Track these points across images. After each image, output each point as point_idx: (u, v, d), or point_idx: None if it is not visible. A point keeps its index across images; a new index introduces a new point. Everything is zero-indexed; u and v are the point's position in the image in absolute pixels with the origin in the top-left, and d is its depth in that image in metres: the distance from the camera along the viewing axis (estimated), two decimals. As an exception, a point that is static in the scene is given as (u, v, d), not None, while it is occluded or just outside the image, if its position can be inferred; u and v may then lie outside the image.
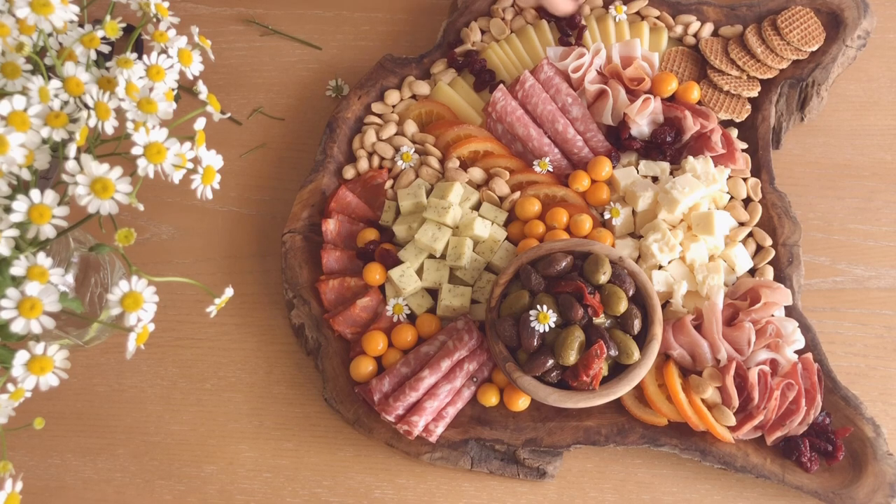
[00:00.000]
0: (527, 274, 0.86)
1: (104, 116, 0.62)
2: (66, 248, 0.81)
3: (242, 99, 1.10)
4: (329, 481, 0.90)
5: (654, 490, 0.88)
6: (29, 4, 0.60)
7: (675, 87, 1.01)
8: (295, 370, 0.95)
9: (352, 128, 1.04)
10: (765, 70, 1.04)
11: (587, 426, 0.88)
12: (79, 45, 0.65)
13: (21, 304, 0.56)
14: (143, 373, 0.95)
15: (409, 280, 0.92)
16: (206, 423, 0.93)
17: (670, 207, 0.93)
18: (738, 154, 0.98)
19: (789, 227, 0.96)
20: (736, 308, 0.91)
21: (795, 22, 1.05)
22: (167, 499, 0.89)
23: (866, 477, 0.85)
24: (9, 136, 0.58)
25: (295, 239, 0.97)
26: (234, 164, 1.06)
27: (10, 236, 0.58)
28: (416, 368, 0.89)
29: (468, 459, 0.88)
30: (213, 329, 0.97)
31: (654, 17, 1.08)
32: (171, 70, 0.66)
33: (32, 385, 0.58)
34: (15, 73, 0.62)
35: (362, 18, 1.16)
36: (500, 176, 0.97)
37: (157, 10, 0.67)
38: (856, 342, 0.95)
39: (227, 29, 1.14)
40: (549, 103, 1.00)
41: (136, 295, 0.60)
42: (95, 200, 0.59)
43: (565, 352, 0.81)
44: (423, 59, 1.08)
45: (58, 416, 0.92)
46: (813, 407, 0.86)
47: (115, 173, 0.59)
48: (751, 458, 0.86)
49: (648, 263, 0.92)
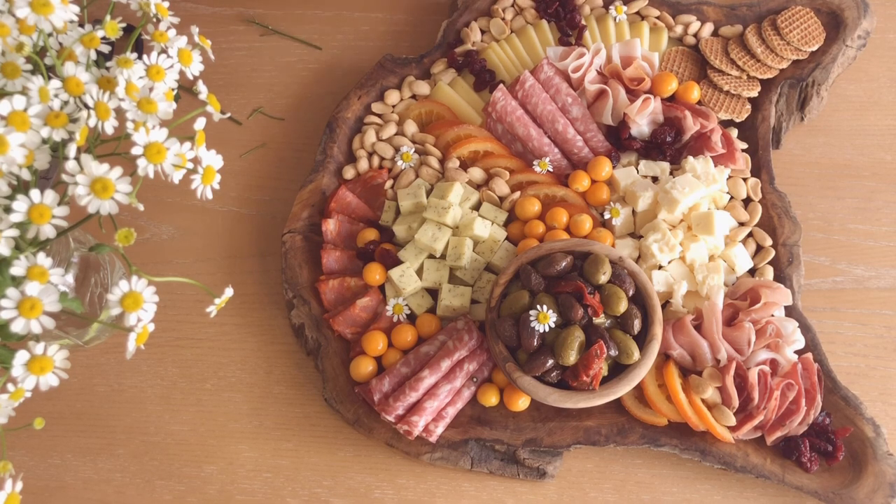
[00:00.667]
0: (527, 274, 0.86)
1: (104, 116, 0.62)
2: (66, 248, 0.81)
3: (242, 99, 1.10)
4: (329, 481, 0.90)
5: (654, 490, 0.88)
6: (29, 4, 0.60)
7: (675, 87, 1.01)
8: (295, 370, 0.95)
9: (352, 128, 1.04)
10: (765, 70, 1.04)
11: (587, 426, 0.88)
12: (79, 45, 0.65)
13: (21, 304, 0.56)
14: (143, 373, 0.95)
15: (409, 280, 0.92)
16: (206, 423, 0.93)
17: (670, 207, 0.92)
18: (738, 154, 0.98)
19: (789, 227, 0.96)
20: (736, 308, 0.91)
21: (795, 22, 1.05)
22: (167, 499, 0.89)
23: (866, 477, 0.85)
24: (9, 136, 0.58)
25: (295, 239, 0.97)
26: (234, 164, 1.06)
27: (10, 236, 0.58)
28: (416, 368, 0.89)
29: (468, 459, 0.88)
30: (213, 329, 0.97)
31: (654, 17, 1.08)
32: (171, 70, 0.66)
33: (32, 385, 0.58)
34: (15, 73, 0.62)
35: (362, 18, 1.16)
36: (500, 176, 0.97)
37: (157, 10, 0.67)
38: (856, 342, 0.95)
39: (227, 29, 1.14)
40: (549, 103, 1.00)
41: (136, 295, 0.60)
42: (95, 200, 0.59)
43: (565, 352, 0.81)
44: (423, 59, 1.08)
45: (58, 416, 0.92)
46: (813, 407, 0.86)
47: (115, 173, 0.59)
48: (751, 458, 0.86)
49: (648, 263, 0.92)
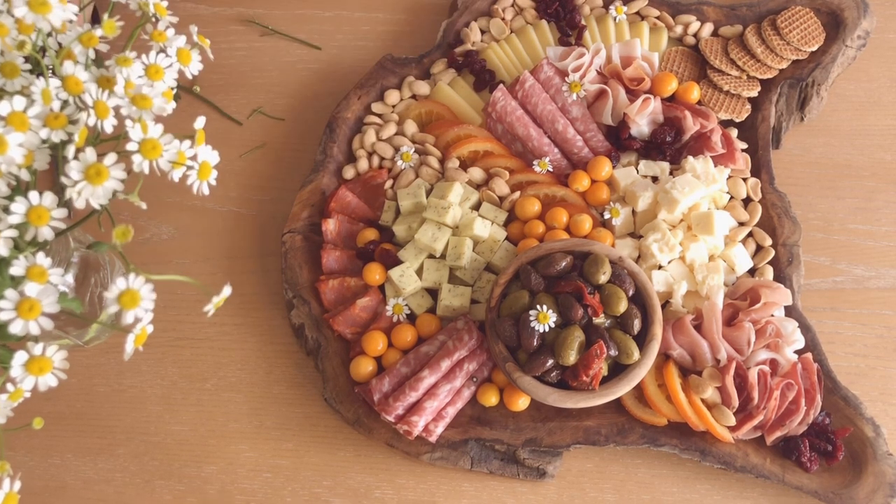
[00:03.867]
0: (527, 274, 0.86)
1: (103, 115, 0.62)
2: (66, 247, 0.80)
3: (242, 99, 1.10)
4: (329, 481, 0.90)
5: (654, 490, 0.88)
6: (27, 4, 0.60)
7: (675, 87, 1.01)
8: (295, 370, 0.95)
9: (352, 128, 1.04)
10: (765, 70, 1.04)
11: (587, 426, 0.88)
12: (77, 44, 0.65)
13: (20, 304, 0.56)
14: (143, 373, 0.95)
15: (409, 280, 0.91)
16: (206, 423, 0.93)
17: (670, 207, 0.92)
18: (738, 154, 0.98)
19: (789, 227, 0.96)
20: (736, 308, 0.91)
21: (795, 22, 1.05)
22: (167, 499, 0.89)
23: (866, 477, 0.85)
24: (8, 137, 0.57)
25: (295, 239, 0.97)
26: (234, 164, 1.06)
27: (9, 237, 0.57)
28: (416, 368, 0.89)
29: (468, 459, 0.88)
30: (213, 329, 0.97)
31: (654, 17, 1.07)
32: (170, 69, 0.66)
33: (31, 386, 0.58)
34: (14, 72, 0.62)
35: (362, 18, 1.16)
36: (500, 176, 0.97)
37: (156, 9, 0.67)
38: (856, 342, 0.95)
39: (227, 29, 1.14)
40: (548, 103, 1.00)
41: (134, 293, 0.59)
42: (89, 187, 0.58)
43: (565, 352, 0.81)
44: (423, 59, 1.08)
45: (58, 416, 0.92)
46: (813, 407, 0.86)
47: (110, 159, 0.59)
48: (751, 458, 0.86)
49: (648, 263, 0.92)
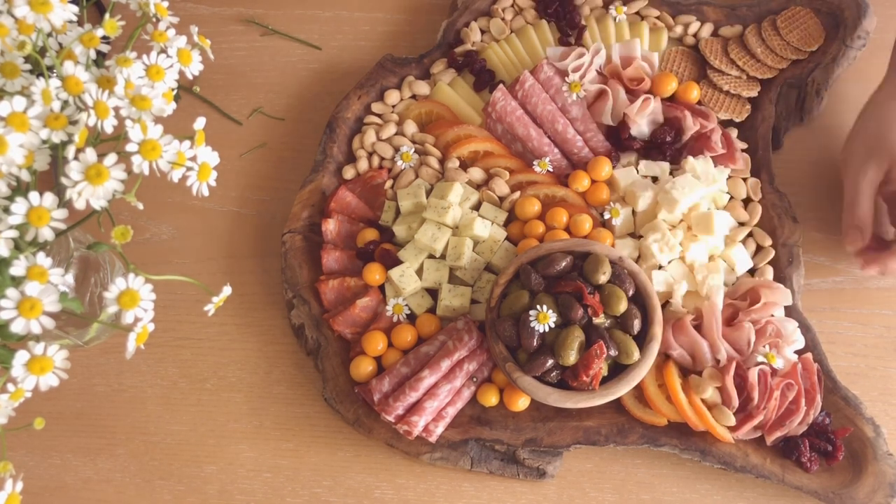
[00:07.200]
0: (527, 274, 0.86)
1: (103, 115, 0.62)
2: (66, 247, 0.81)
3: (242, 99, 1.10)
4: (329, 481, 0.90)
5: (654, 490, 0.88)
6: (28, 3, 0.60)
7: (674, 87, 1.01)
8: (295, 370, 0.95)
9: (352, 128, 1.04)
10: (765, 70, 1.04)
11: (587, 426, 0.88)
12: (78, 44, 0.65)
13: (21, 304, 0.56)
14: (143, 373, 0.95)
15: (409, 280, 0.91)
16: (206, 423, 0.93)
17: (670, 207, 0.92)
18: (738, 154, 0.98)
19: (789, 227, 0.96)
20: (736, 308, 0.91)
21: (795, 22, 1.05)
22: (167, 499, 0.89)
23: (866, 477, 0.85)
24: (8, 137, 0.57)
25: (295, 239, 0.97)
26: (234, 164, 1.06)
27: (9, 237, 0.57)
28: (416, 368, 0.89)
29: (468, 459, 0.88)
30: (213, 329, 0.97)
31: (654, 17, 1.07)
32: (171, 70, 0.66)
33: (32, 385, 0.58)
34: (14, 73, 0.62)
35: (362, 18, 1.16)
36: (499, 176, 0.97)
37: (156, 9, 0.67)
38: (856, 342, 0.95)
39: (227, 29, 1.14)
40: (548, 103, 1.00)
41: (133, 293, 0.59)
42: (89, 188, 0.58)
43: (565, 352, 0.81)
44: (423, 59, 1.08)
45: (58, 416, 0.92)
46: (813, 407, 0.86)
47: (110, 160, 0.59)
48: (751, 458, 0.86)
49: (648, 263, 0.92)
